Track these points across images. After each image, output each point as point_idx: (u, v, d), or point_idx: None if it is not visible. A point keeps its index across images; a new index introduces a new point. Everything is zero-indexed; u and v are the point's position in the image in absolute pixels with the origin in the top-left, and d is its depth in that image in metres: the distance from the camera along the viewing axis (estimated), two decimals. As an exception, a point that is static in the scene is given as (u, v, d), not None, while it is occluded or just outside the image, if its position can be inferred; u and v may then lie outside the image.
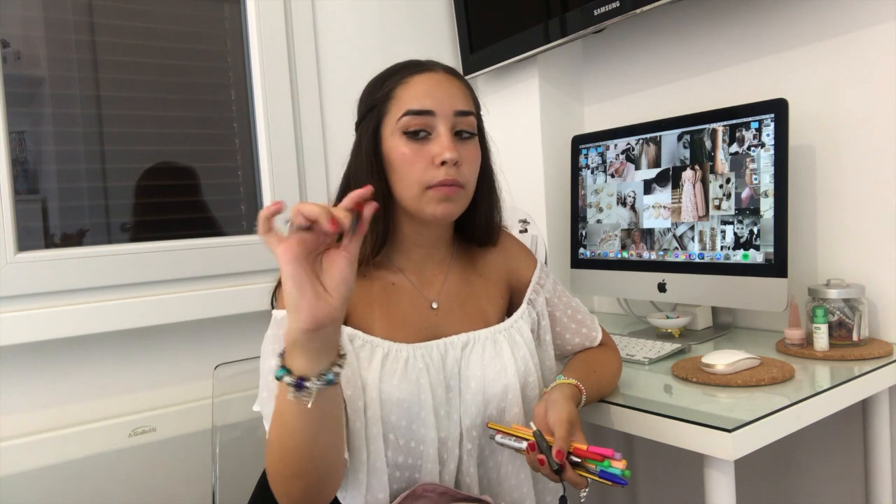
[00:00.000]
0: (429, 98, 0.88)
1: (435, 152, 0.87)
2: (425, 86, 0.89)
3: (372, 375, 0.86)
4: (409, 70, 0.91)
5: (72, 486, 1.29)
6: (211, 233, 1.54)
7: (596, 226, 1.59)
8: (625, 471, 0.75)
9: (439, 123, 0.88)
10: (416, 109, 0.88)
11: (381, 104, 0.90)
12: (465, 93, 0.93)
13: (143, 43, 1.48)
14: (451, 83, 0.91)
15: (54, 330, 1.29)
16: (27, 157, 1.36)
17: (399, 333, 0.91)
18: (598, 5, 1.45)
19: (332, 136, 1.66)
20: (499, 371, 0.93)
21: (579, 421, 0.85)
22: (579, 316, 1.08)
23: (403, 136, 0.88)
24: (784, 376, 1.06)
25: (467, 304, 0.98)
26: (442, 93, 0.89)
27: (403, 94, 0.89)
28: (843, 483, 1.36)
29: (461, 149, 0.89)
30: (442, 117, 0.88)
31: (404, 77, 0.90)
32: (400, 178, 0.89)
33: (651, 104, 1.66)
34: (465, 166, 0.90)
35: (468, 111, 0.91)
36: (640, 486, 1.80)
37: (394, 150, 0.89)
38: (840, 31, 1.29)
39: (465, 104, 0.91)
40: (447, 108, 0.89)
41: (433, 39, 1.85)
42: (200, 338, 1.48)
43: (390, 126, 0.89)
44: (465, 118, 0.91)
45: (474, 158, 0.92)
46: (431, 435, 0.88)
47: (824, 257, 1.34)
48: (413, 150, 0.88)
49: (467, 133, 0.91)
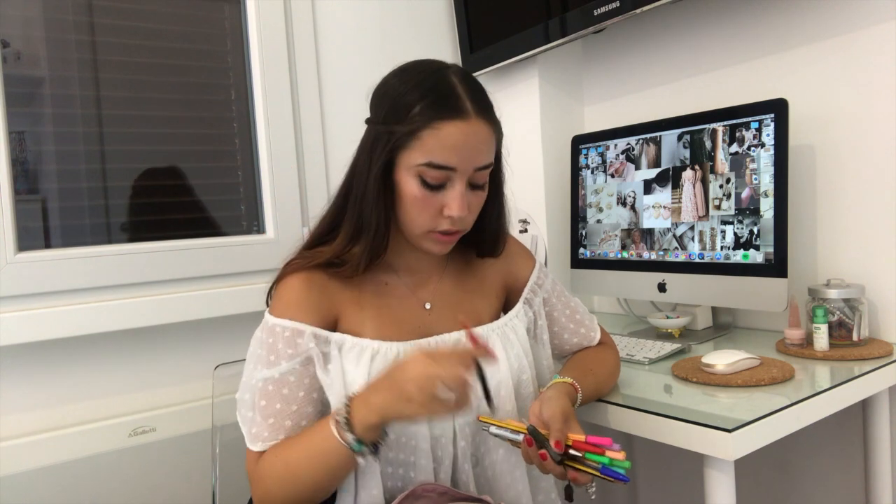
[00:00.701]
0: (456, 154, 0.84)
1: (446, 204, 0.87)
2: (456, 139, 0.84)
3: (360, 371, 0.87)
4: (443, 109, 0.84)
5: (72, 486, 1.29)
6: (211, 233, 1.54)
7: (596, 226, 1.59)
8: (625, 461, 0.76)
9: (457, 178, 0.86)
10: (439, 164, 0.84)
11: (403, 138, 0.85)
12: (492, 139, 0.89)
13: (143, 43, 1.48)
14: (482, 132, 0.86)
15: (54, 330, 1.29)
16: (27, 157, 1.36)
17: (390, 332, 0.91)
18: (598, 5, 1.45)
19: (332, 136, 1.66)
20: (491, 369, 0.93)
21: (574, 414, 0.86)
22: (578, 316, 1.08)
23: (418, 179, 0.86)
24: (784, 376, 1.06)
25: (461, 303, 0.98)
26: (470, 149, 0.85)
27: (430, 142, 0.83)
28: (843, 483, 1.36)
29: (471, 197, 0.89)
30: (462, 173, 0.86)
31: (435, 119, 0.83)
32: (405, 212, 0.88)
33: (651, 104, 1.66)
34: (471, 214, 0.90)
35: (488, 164, 0.89)
36: (640, 486, 1.80)
37: (406, 186, 0.87)
38: (840, 31, 1.29)
39: (489, 155, 0.88)
40: (470, 165, 0.86)
41: (433, 39, 1.85)
42: (200, 338, 1.48)
43: (407, 163, 0.86)
44: (484, 171, 0.89)
45: (480, 204, 0.92)
46: (423, 430, 0.88)
47: (824, 257, 1.34)
48: (425, 197, 0.86)
49: (480, 184, 0.90)
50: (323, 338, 0.88)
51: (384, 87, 0.90)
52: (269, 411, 0.86)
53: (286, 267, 0.92)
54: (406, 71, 0.89)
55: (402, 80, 0.87)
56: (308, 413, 0.88)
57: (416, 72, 0.88)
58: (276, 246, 1.56)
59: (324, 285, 0.90)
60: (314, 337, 0.88)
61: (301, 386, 0.87)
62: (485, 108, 0.87)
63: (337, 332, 0.90)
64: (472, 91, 0.87)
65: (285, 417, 0.86)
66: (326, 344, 0.89)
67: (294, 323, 0.87)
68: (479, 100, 0.87)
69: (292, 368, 0.86)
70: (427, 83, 0.86)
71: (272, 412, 0.86)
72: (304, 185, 1.60)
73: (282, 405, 0.86)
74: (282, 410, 0.86)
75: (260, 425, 0.86)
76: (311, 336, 0.87)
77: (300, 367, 0.87)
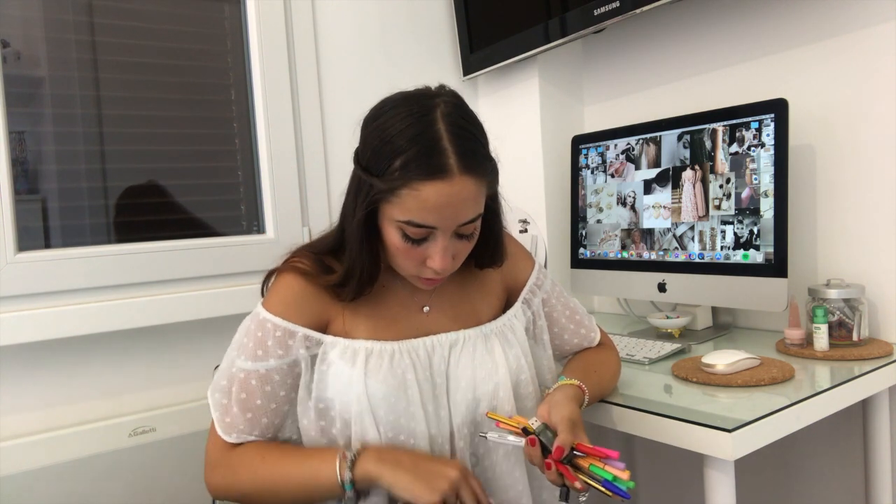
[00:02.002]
0: (436, 214, 0.81)
1: (429, 256, 0.85)
2: (436, 200, 0.79)
3: (356, 372, 0.87)
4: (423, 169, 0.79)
5: (72, 486, 1.29)
6: (211, 233, 1.54)
7: (596, 226, 1.59)
8: (628, 481, 0.76)
9: (440, 234, 0.84)
10: (419, 223, 0.81)
11: (383, 193, 0.81)
12: (479, 192, 0.83)
13: (143, 43, 1.48)
14: (466, 190, 0.81)
15: (54, 330, 1.29)
16: (27, 157, 1.36)
17: (385, 333, 0.92)
18: (598, 5, 1.45)
19: (332, 136, 1.66)
20: (490, 370, 0.93)
21: (582, 421, 0.86)
22: (577, 316, 1.08)
23: (400, 232, 0.83)
24: (784, 376, 1.06)
25: (460, 304, 0.99)
26: (452, 208, 0.81)
27: (409, 202, 0.80)
28: (843, 483, 1.36)
29: (458, 246, 0.87)
30: (444, 230, 0.83)
31: (415, 180, 0.79)
32: (391, 257, 0.89)
33: (651, 104, 1.66)
34: (457, 260, 0.89)
35: (474, 218, 0.85)
36: (640, 485, 1.80)
37: (388, 236, 0.85)
38: (840, 31, 1.29)
39: (475, 210, 0.84)
40: (453, 223, 0.83)
41: (433, 39, 1.85)
42: (200, 338, 1.48)
43: (388, 216, 0.83)
44: (470, 224, 0.85)
45: (469, 249, 0.89)
46: (421, 429, 0.88)
47: (824, 257, 1.34)
48: (407, 249, 0.85)
49: (468, 235, 0.87)
50: (315, 340, 0.89)
51: (372, 123, 0.85)
52: (249, 405, 0.88)
53: (289, 261, 0.92)
54: (396, 107, 0.83)
55: (390, 121, 0.82)
56: (284, 412, 0.90)
57: (405, 113, 0.82)
58: (276, 246, 1.55)
59: (321, 289, 0.90)
60: (305, 339, 0.89)
61: (283, 385, 0.88)
62: (471, 161, 0.81)
63: (329, 335, 0.90)
64: (459, 140, 0.80)
65: (262, 415, 0.88)
66: (318, 346, 0.90)
67: (287, 323, 0.88)
68: (466, 152, 0.80)
69: (279, 367, 0.88)
70: (411, 131, 0.80)
71: (251, 407, 0.88)
72: (304, 185, 1.60)
73: (262, 401, 0.88)
74: (261, 407, 0.88)
75: (237, 417, 0.88)
76: (303, 338, 0.89)
77: (286, 367, 0.88)
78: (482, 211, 0.87)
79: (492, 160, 0.86)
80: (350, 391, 0.87)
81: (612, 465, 0.77)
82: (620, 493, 0.76)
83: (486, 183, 0.85)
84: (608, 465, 0.78)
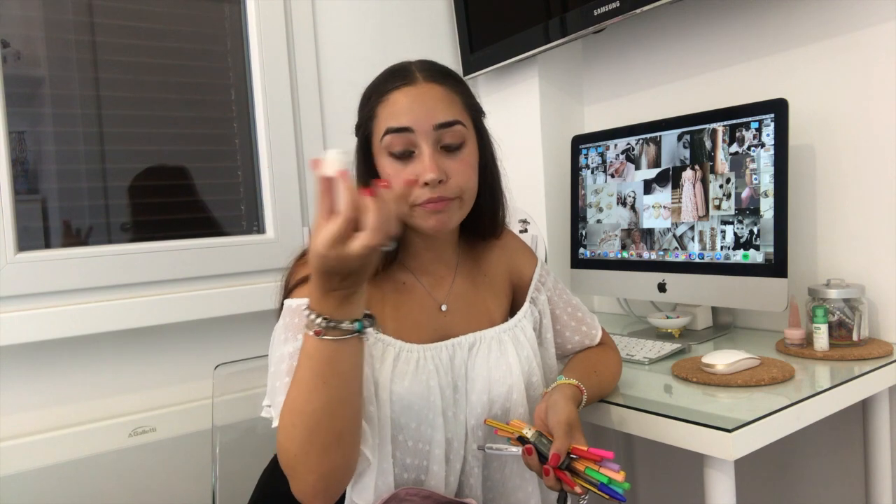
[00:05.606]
0: (406, 115, 0.86)
1: (417, 172, 0.86)
2: (403, 102, 0.86)
3: (384, 376, 0.86)
4: (389, 84, 0.88)
5: (72, 486, 1.29)
6: (211, 233, 1.54)
7: (596, 226, 1.59)
8: (624, 483, 0.76)
9: (421, 141, 0.86)
10: (394, 127, 0.86)
11: (367, 123, 0.90)
12: (450, 100, 0.89)
13: (143, 43, 1.48)
14: (431, 94, 0.87)
15: (54, 330, 1.29)
16: (27, 157, 1.36)
17: (410, 334, 0.91)
18: (598, 5, 1.45)
19: (332, 135, 1.66)
20: (504, 371, 0.93)
21: (579, 423, 0.86)
22: (579, 314, 1.08)
23: (390, 157, 0.87)
24: (784, 376, 1.06)
25: (474, 304, 0.98)
26: (420, 107, 0.86)
27: (382, 113, 0.87)
28: (843, 483, 1.36)
29: (448, 163, 0.87)
30: (422, 134, 0.86)
31: (384, 93, 0.88)
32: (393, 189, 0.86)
33: (651, 104, 1.66)
34: (455, 178, 0.87)
35: (451, 121, 0.87)
36: (640, 485, 1.80)
37: (381, 170, 0.89)
38: (840, 31, 1.29)
39: (448, 114, 0.87)
40: (426, 123, 0.86)
41: (433, 39, 1.85)
42: (200, 338, 1.48)
43: (377, 145, 0.89)
44: (450, 129, 0.87)
45: (465, 168, 0.89)
46: (438, 436, 0.88)
47: (824, 257, 1.34)
48: (396, 171, 0.86)
49: (455, 145, 0.88)
50: None
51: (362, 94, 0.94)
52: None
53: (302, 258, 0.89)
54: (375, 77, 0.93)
55: (370, 83, 0.93)
56: None
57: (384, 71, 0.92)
58: (276, 246, 1.56)
59: None
60: None
61: None
62: (435, 74, 0.89)
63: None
64: (425, 64, 0.91)
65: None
66: None
67: None
68: (431, 69, 0.90)
69: None
70: (384, 72, 0.91)
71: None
72: (304, 185, 1.60)
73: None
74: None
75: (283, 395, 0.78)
76: None
77: None
78: (461, 120, 0.88)
79: (460, 79, 0.93)
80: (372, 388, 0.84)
81: (607, 467, 0.77)
82: (616, 495, 0.76)
83: (458, 93, 0.90)
84: (603, 467, 0.78)
